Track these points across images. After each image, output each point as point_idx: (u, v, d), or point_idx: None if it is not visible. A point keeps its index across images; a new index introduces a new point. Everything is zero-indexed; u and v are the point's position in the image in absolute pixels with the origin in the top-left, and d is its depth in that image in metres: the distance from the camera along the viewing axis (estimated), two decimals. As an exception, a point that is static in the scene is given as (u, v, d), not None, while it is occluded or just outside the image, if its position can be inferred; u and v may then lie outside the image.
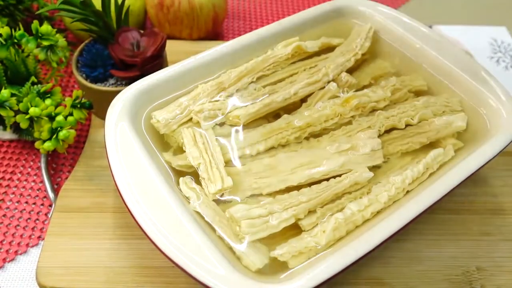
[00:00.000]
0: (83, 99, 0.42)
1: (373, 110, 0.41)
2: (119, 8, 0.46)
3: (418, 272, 0.38)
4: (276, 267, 0.32)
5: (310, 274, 0.29)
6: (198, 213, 0.33)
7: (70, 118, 0.40)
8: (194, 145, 0.36)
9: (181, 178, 0.35)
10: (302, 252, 0.32)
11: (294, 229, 0.34)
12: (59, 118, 0.40)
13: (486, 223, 0.41)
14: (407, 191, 0.35)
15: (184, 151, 0.37)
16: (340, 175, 0.36)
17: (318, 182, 0.36)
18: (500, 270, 0.38)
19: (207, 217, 0.33)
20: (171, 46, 0.52)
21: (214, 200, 0.34)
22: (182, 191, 0.34)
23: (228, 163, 0.37)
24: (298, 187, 0.35)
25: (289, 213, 0.33)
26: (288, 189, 0.35)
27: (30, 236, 0.42)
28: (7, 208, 0.43)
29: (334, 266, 0.29)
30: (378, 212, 0.34)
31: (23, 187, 0.45)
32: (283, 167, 0.36)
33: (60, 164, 0.47)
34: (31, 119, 0.40)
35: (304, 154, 0.37)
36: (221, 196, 0.35)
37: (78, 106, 0.41)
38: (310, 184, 0.35)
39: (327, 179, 0.36)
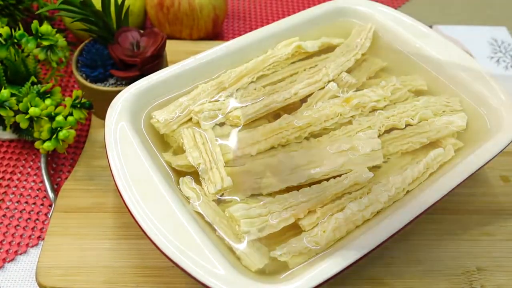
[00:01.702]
0: (83, 99, 0.42)
1: (373, 110, 0.41)
2: (119, 8, 0.46)
3: (418, 272, 0.38)
4: (277, 267, 0.32)
5: (310, 274, 0.29)
6: (198, 213, 0.33)
7: (70, 118, 0.40)
8: (194, 145, 0.36)
9: (181, 178, 0.35)
10: (302, 253, 0.32)
11: (295, 229, 0.34)
12: (59, 118, 0.40)
13: (486, 223, 0.41)
14: (407, 191, 0.35)
15: (184, 151, 0.37)
16: (340, 175, 0.36)
17: (318, 182, 0.36)
18: (500, 270, 0.38)
19: (207, 217, 0.33)
20: (171, 46, 0.52)
21: (214, 200, 0.34)
22: (182, 191, 0.34)
23: (228, 163, 0.37)
24: (298, 187, 0.35)
25: (288, 212, 0.33)
26: (288, 189, 0.35)
27: (30, 236, 0.42)
28: (7, 208, 0.43)
29: (334, 266, 0.29)
30: (378, 212, 0.34)
31: (23, 187, 0.45)
32: (283, 167, 0.36)
33: (60, 164, 0.47)
34: (31, 119, 0.40)
35: (304, 154, 0.37)
36: (221, 196, 0.35)
37: (78, 106, 0.41)
38: (310, 184, 0.35)
39: (327, 179, 0.36)
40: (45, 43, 0.43)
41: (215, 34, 0.61)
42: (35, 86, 0.42)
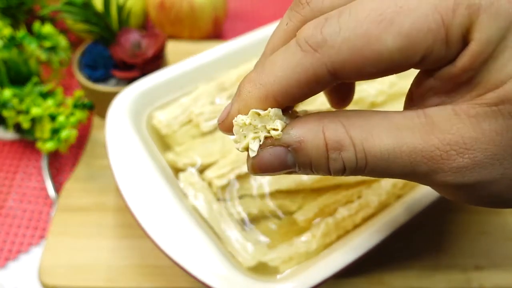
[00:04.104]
0: (84, 99, 0.43)
1: (372, 105, 0.41)
2: (120, 9, 0.46)
3: (417, 271, 0.38)
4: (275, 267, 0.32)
5: (311, 273, 0.29)
6: (198, 212, 0.34)
7: (71, 118, 0.41)
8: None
9: (181, 173, 0.36)
10: (292, 258, 0.32)
11: (295, 230, 0.34)
12: (61, 118, 0.40)
13: (485, 222, 0.41)
14: (399, 196, 0.35)
15: (184, 150, 0.37)
16: (334, 187, 0.36)
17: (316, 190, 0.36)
18: (499, 269, 0.38)
19: (204, 214, 0.33)
20: (172, 47, 0.53)
21: (215, 195, 0.35)
22: (181, 186, 0.35)
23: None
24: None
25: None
26: (278, 192, 0.36)
27: (32, 235, 0.42)
28: (10, 207, 0.44)
29: (328, 268, 0.30)
30: (369, 217, 0.34)
31: (26, 186, 0.45)
32: None
33: (62, 163, 0.47)
34: (33, 120, 0.40)
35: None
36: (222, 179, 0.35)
37: (80, 106, 0.42)
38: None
39: (319, 189, 0.36)
40: (47, 44, 0.43)
41: (216, 34, 0.61)
42: (37, 86, 0.42)
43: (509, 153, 0.17)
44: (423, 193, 0.33)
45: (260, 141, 0.19)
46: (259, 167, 0.19)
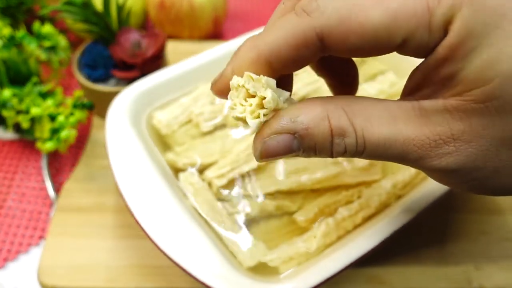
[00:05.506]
0: (84, 99, 0.43)
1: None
2: (120, 9, 0.46)
3: (417, 271, 0.38)
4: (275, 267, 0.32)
5: (311, 273, 0.29)
6: (198, 212, 0.34)
7: (71, 118, 0.41)
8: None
9: (181, 173, 0.36)
10: (292, 258, 0.32)
11: (295, 230, 0.34)
12: (60, 118, 0.40)
13: (485, 222, 0.41)
14: (399, 196, 0.35)
15: (184, 150, 0.37)
16: (334, 187, 0.36)
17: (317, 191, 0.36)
18: (499, 269, 0.38)
19: (204, 214, 0.33)
20: (172, 47, 0.53)
21: (217, 199, 0.35)
22: (181, 186, 0.35)
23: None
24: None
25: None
26: (278, 192, 0.35)
27: (31, 236, 0.42)
28: (9, 207, 0.44)
29: (329, 268, 0.30)
30: (369, 217, 0.34)
31: (25, 186, 0.45)
32: (277, 170, 0.36)
33: (61, 163, 0.47)
34: (32, 119, 0.40)
35: (301, 160, 0.37)
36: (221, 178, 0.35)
37: (80, 106, 0.42)
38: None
39: (318, 190, 0.36)
40: (47, 44, 0.43)
41: (216, 34, 0.61)
42: (37, 86, 0.42)
43: (493, 145, 0.18)
44: (423, 193, 0.33)
45: (260, 120, 0.20)
46: (266, 154, 0.20)
